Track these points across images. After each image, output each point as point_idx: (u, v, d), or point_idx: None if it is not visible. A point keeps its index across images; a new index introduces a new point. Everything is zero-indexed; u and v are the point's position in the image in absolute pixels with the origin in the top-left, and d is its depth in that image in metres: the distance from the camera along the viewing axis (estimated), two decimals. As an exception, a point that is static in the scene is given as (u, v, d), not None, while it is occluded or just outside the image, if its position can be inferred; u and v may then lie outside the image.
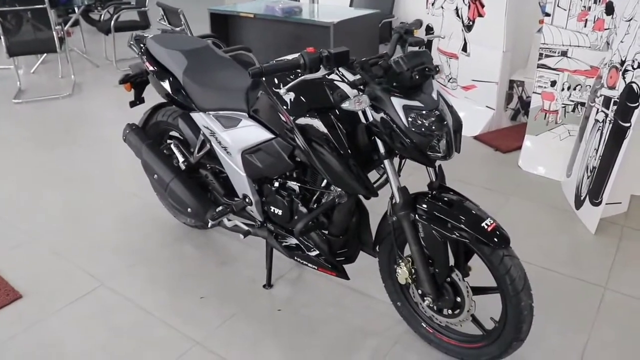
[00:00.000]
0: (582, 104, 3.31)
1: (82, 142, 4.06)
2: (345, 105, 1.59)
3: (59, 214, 3.04)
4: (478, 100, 4.13)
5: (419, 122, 1.59)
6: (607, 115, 2.75)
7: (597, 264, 2.54)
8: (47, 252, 2.69)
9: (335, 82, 1.74)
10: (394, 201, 1.78)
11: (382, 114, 1.62)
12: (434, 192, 1.77)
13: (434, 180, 1.80)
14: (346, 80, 1.66)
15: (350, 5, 5.45)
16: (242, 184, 2.17)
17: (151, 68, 2.34)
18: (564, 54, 3.28)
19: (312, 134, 1.75)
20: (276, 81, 1.86)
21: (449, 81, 4.33)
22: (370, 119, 1.67)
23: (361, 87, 1.65)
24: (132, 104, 2.69)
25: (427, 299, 1.84)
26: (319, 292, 2.37)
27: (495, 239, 1.62)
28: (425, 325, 2.02)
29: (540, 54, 3.37)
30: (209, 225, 2.27)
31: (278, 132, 1.90)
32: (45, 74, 5.87)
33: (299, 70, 1.57)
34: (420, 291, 1.89)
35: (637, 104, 2.49)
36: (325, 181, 1.97)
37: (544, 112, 3.50)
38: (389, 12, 5.07)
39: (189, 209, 2.35)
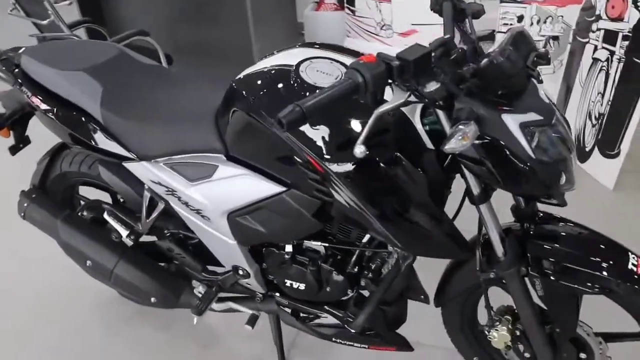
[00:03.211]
0: (555, 38, 2.91)
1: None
2: (450, 146, 0.96)
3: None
4: (420, 48, 3.60)
5: (543, 144, 1.01)
6: (612, 53, 2.34)
7: (638, 231, 2.20)
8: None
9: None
10: (486, 251, 1.22)
11: (484, 140, 1.02)
12: (531, 225, 1.23)
13: (523, 206, 1.23)
14: (424, 95, 1.00)
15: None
16: (230, 254, 1.46)
17: (43, 107, 1.49)
18: (528, -18, 2.82)
19: (364, 180, 1.12)
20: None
21: (381, 28, 3.74)
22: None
23: (440, 102, 1.03)
24: (14, 150, 1.80)
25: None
26: None
27: (655, 285, 1.13)
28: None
29: (501, -14, 2.89)
30: (195, 320, 1.56)
31: (290, 181, 1.23)
32: None
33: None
34: (527, 354, 1.39)
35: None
36: (367, 235, 1.34)
37: (509, 53, 3.06)
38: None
39: (152, 299, 1.59)
